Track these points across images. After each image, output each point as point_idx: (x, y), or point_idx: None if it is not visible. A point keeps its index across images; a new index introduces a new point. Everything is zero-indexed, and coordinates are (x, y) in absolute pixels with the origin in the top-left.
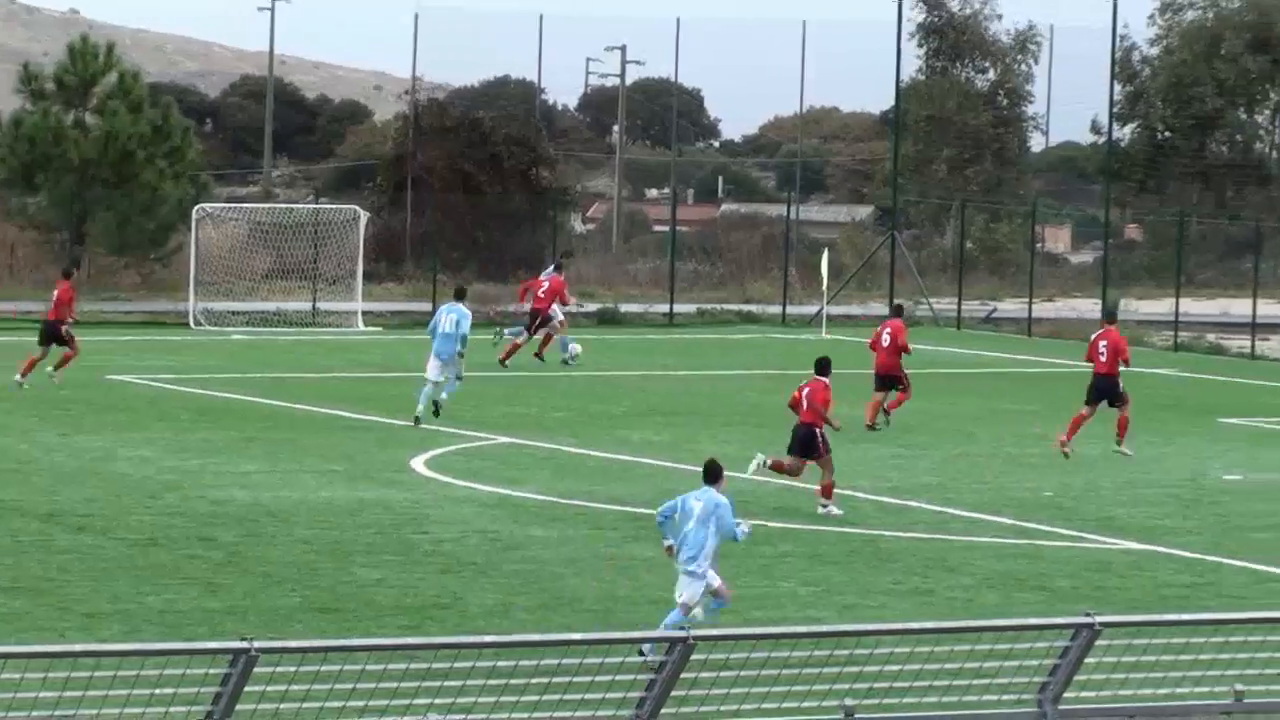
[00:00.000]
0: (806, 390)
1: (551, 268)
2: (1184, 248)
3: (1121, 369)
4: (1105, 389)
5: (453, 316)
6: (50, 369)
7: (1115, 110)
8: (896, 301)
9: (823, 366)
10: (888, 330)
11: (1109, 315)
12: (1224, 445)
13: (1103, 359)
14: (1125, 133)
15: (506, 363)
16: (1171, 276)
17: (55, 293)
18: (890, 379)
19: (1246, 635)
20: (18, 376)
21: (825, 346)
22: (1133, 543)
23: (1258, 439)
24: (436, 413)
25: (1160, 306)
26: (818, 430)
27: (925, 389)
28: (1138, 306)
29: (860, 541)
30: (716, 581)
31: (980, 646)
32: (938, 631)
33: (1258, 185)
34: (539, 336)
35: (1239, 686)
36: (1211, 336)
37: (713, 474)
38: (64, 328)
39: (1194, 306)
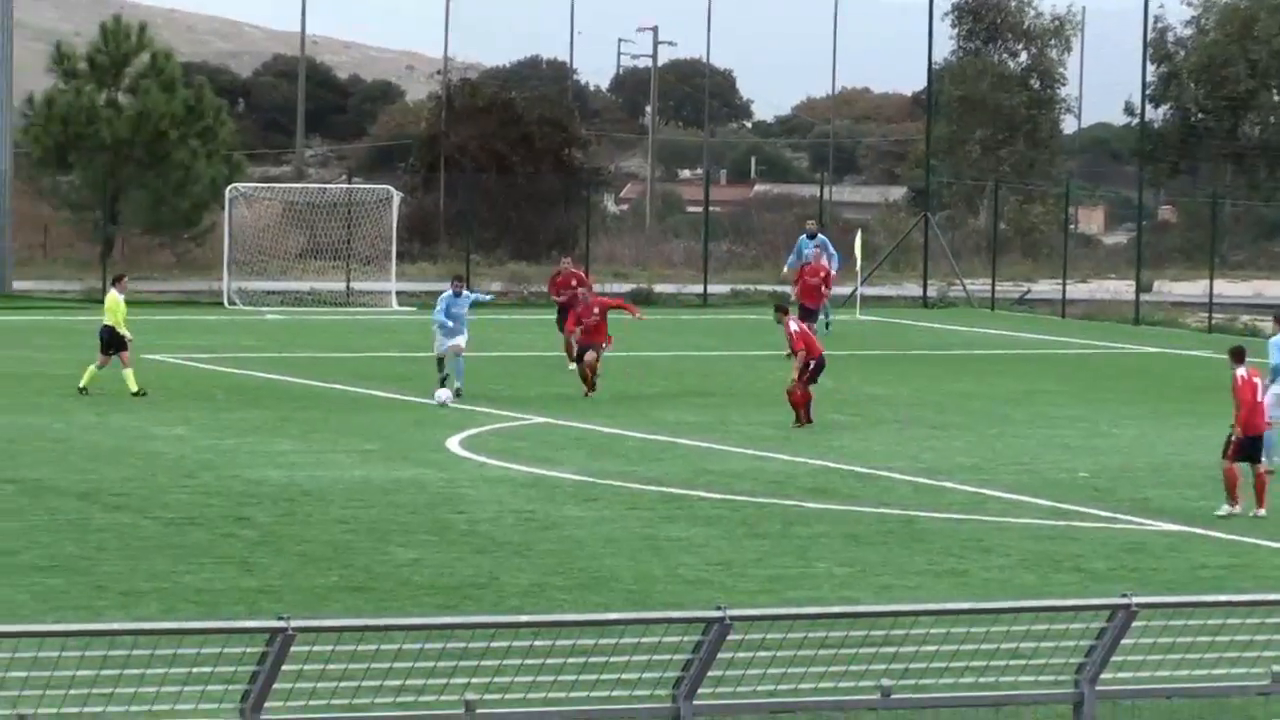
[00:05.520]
0: None
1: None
2: (1217, 229)
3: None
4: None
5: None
6: None
7: (1148, 92)
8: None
9: None
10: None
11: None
12: None
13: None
14: (1158, 114)
15: None
16: (1205, 258)
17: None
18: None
19: None
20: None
21: (858, 327)
22: (1169, 524)
23: None
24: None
25: (1194, 288)
26: None
27: (960, 370)
28: (1171, 288)
29: (896, 522)
30: None
31: (1016, 627)
32: (974, 612)
33: None
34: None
35: (1276, 668)
36: (1245, 318)
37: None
38: None
39: (1228, 288)
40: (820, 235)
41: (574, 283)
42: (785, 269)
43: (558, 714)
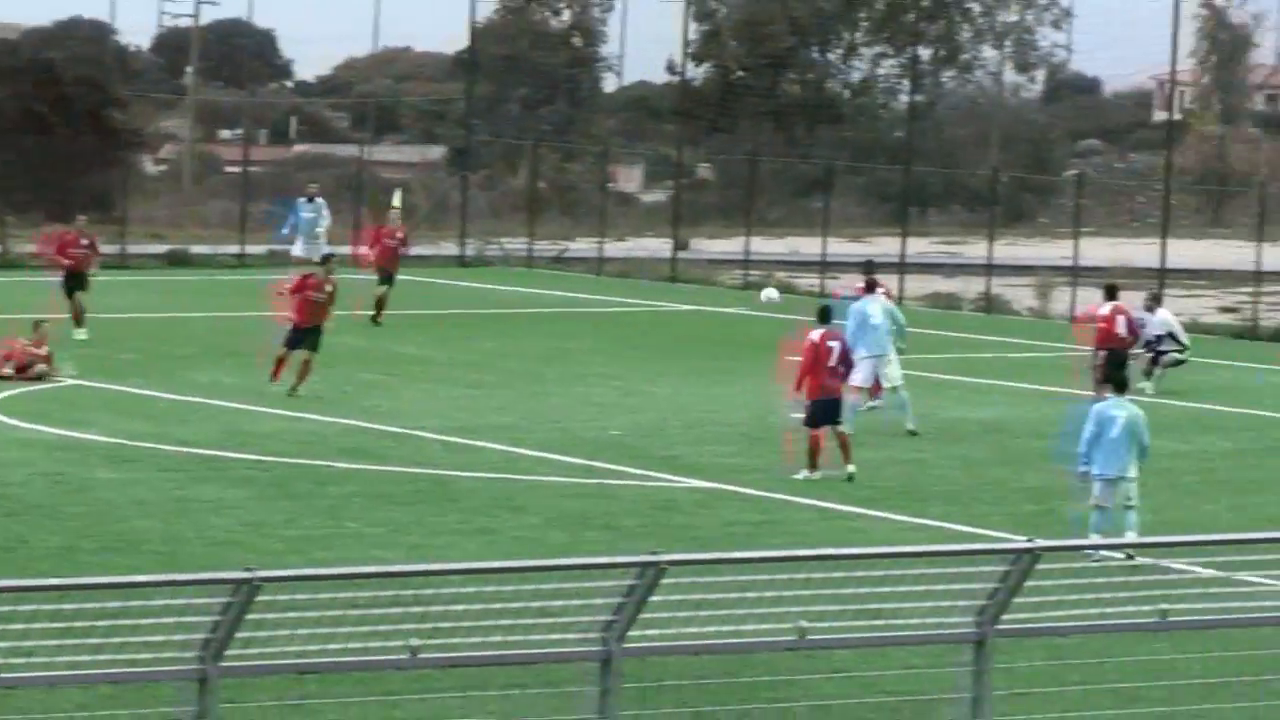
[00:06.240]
0: None
1: None
2: (755, 187)
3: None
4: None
5: None
6: None
7: (690, 50)
8: None
9: None
10: None
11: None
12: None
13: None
14: (699, 72)
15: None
16: (742, 215)
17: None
18: None
19: (810, 572)
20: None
21: (394, 287)
22: (700, 481)
23: None
24: None
25: (731, 245)
26: None
27: (495, 329)
28: (708, 246)
29: (428, 482)
30: None
31: (546, 586)
32: (502, 571)
33: (829, 124)
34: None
35: (803, 623)
36: (781, 275)
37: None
38: None
39: (764, 245)
40: (319, 199)
41: (84, 243)
42: (286, 230)
43: (81, 678)
